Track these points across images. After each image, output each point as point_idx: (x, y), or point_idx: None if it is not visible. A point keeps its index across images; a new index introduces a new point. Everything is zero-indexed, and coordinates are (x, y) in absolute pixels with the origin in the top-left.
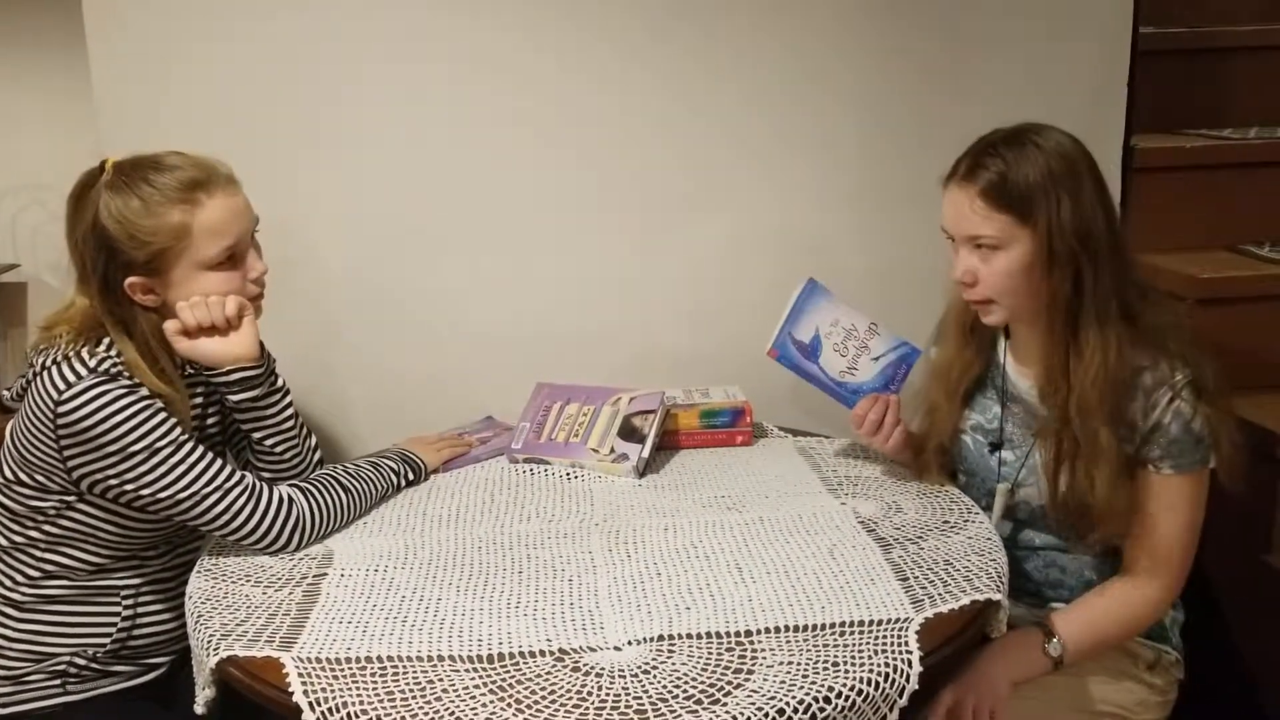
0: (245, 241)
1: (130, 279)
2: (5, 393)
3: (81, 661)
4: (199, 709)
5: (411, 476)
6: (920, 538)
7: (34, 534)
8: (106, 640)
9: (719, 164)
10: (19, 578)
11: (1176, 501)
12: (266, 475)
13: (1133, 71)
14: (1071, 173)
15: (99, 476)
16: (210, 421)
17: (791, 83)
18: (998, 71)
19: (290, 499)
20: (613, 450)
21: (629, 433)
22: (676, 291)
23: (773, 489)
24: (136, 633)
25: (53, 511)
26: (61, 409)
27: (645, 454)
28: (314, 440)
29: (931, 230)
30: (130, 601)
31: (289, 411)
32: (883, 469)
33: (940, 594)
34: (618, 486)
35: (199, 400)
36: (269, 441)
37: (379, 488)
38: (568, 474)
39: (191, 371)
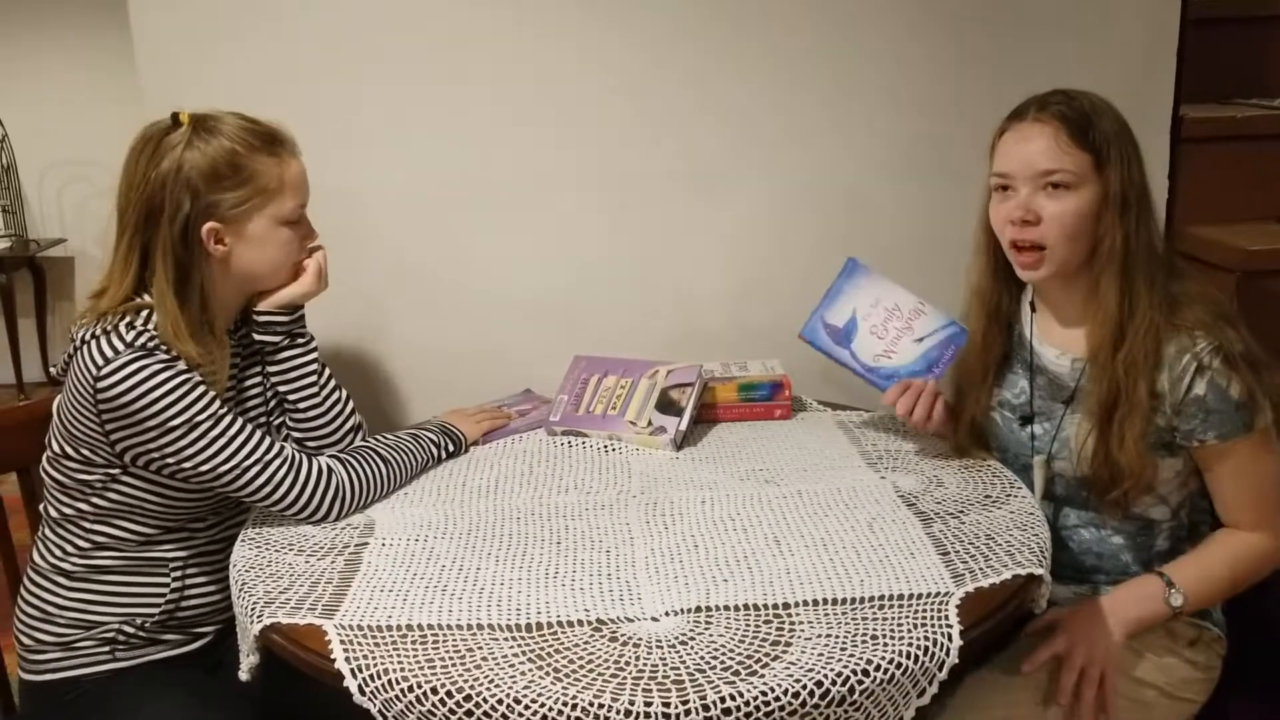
0: (306, 206)
1: (209, 224)
2: (53, 368)
3: (130, 630)
4: (243, 675)
5: (451, 448)
6: (961, 512)
7: (83, 506)
8: (155, 610)
9: (759, 138)
10: (69, 548)
11: (1244, 464)
12: (297, 435)
13: (1182, 40)
14: (1131, 134)
15: (141, 450)
16: (251, 388)
17: (833, 56)
18: (1044, 39)
19: (329, 469)
20: (650, 423)
21: (666, 405)
22: (716, 265)
23: (811, 463)
24: (184, 604)
25: (99, 485)
26: (101, 384)
27: (683, 427)
28: (349, 408)
29: (968, 198)
30: (178, 573)
31: (312, 367)
32: (923, 443)
33: (981, 568)
34: (655, 459)
35: (236, 364)
36: (293, 397)
37: (419, 459)
38: (605, 446)
39: (231, 342)
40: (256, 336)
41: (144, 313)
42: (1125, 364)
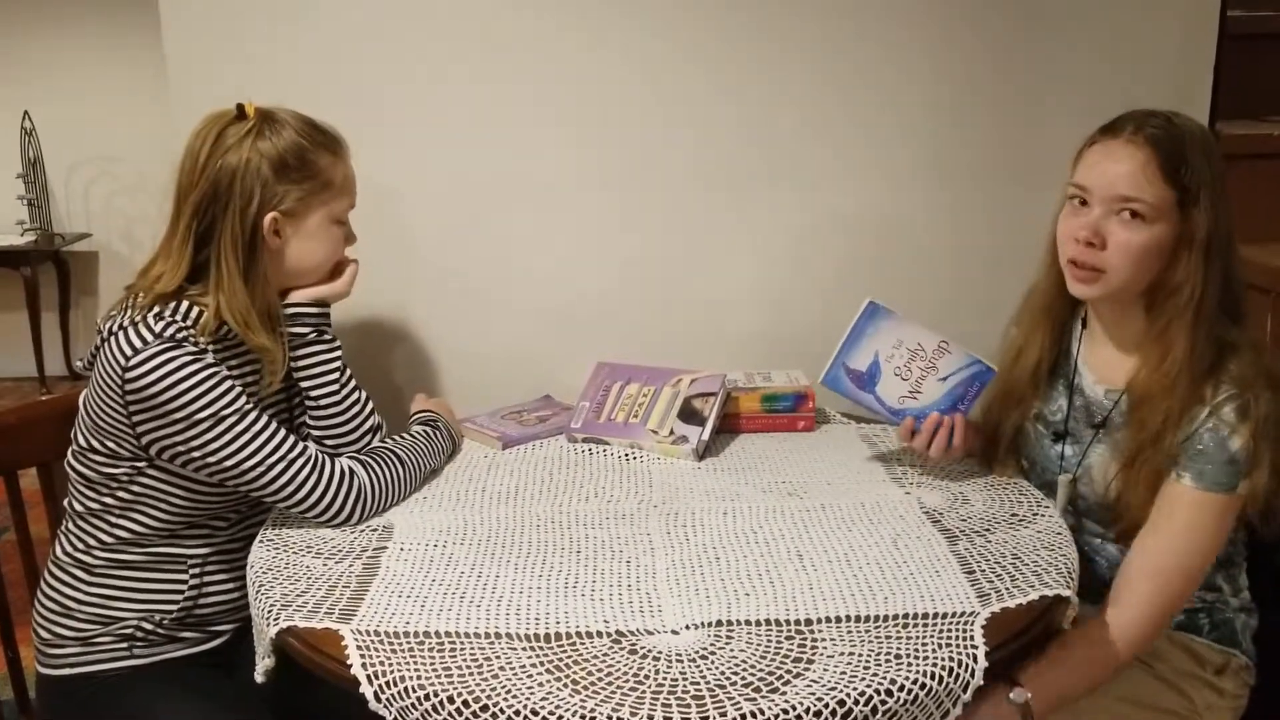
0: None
1: (271, 214)
2: (79, 362)
3: (148, 627)
4: (258, 677)
5: (451, 441)
6: (987, 530)
7: (107, 500)
8: (173, 608)
9: (789, 144)
10: (92, 542)
11: (1188, 521)
12: (316, 434)
13: (1219, 55)
14: (1224, 173)
15: (166, 442)
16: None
17: (865, 61)
18: (1079, 53)
19: (351, 471)
20: (672, 432)
21: (689, 415)
22: (742, 274)
23: (835, 476)
24: (202, 601)
25: (125, 478)
26: (129, 374)
27: (705, 436)
28: (369, 409)
29: (1004, 211)
30: (197, 570)
31: (335, 364)
32: (948, 459)
33: (1007, 588)
34: (677, 469)
35: None
36: (315, 394)
37: (431, 460)
38: (626, 454)
39: None
40: (287, 328)
41: (172, 304)
42: (1165, 413)
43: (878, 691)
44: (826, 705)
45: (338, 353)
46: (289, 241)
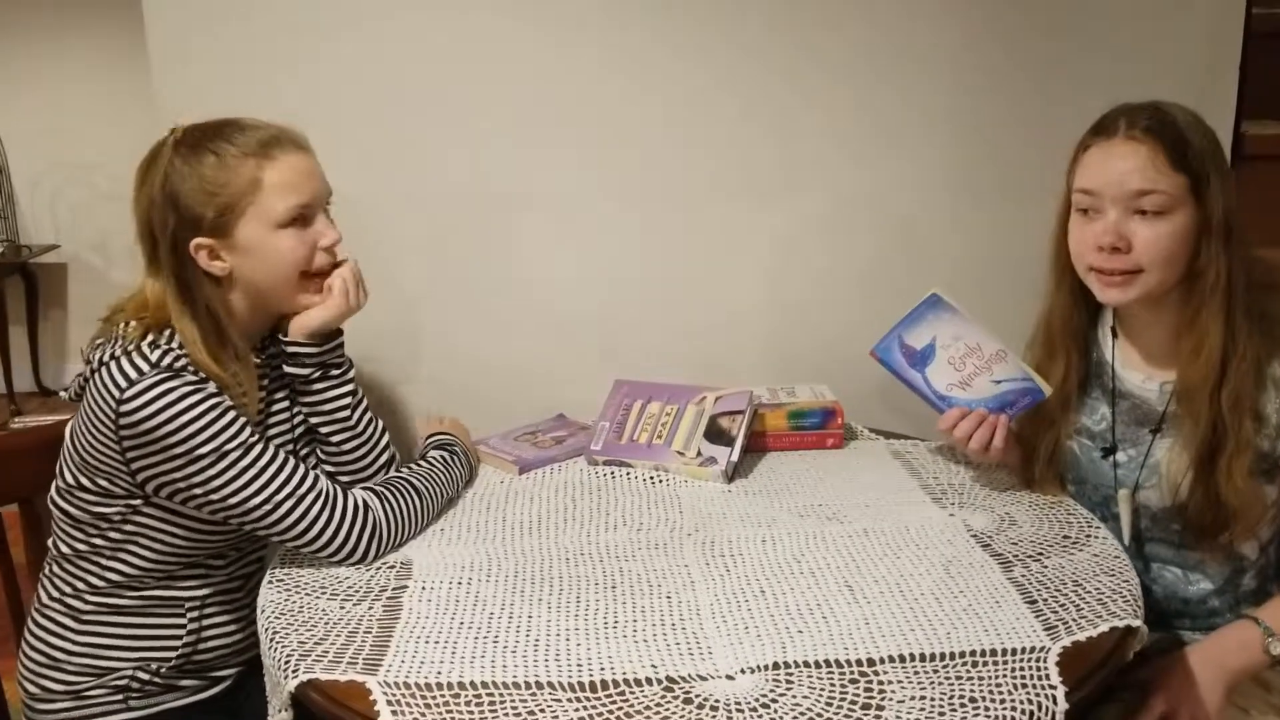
0: (317, 205)
1: (196, 239)
2: (63, 393)
3: (145, 676)
4: None
5: (469, 467)
6: (1041, 555)
7: (97, 541)
8: (171, 654)
9: (808, 153)
10: (81, 586)
11: None
12: (328, 469)
13: (1245, 54)
14: (1222, 150)
15: (165, 479)
16: (277, 414)
17: (885, 66)
18: (1100, 53)
19: (365, 504)
20: (699, 453)
21: (716, 434)
22: (759, 285)
23: (872, 497)
24: (202, 646)
25: (117, 518)
26: (124, 408)
27: (734, 457)
28: (384, 441)
29: (1028, 218)
30: (195, 614)
31: (345, 401)
32: (987, 476)
33: (1075, 619)
34: (706, 492)
35: (264, 386)
36: (324, 430)
37: (447, 487)
38: (652, 478)
39: (258, 361)
40: (286, 368)
41: (166, 331)
42: (1230, 401)
43: None
44: None
45: (348, 387)
46: (233, 265)
